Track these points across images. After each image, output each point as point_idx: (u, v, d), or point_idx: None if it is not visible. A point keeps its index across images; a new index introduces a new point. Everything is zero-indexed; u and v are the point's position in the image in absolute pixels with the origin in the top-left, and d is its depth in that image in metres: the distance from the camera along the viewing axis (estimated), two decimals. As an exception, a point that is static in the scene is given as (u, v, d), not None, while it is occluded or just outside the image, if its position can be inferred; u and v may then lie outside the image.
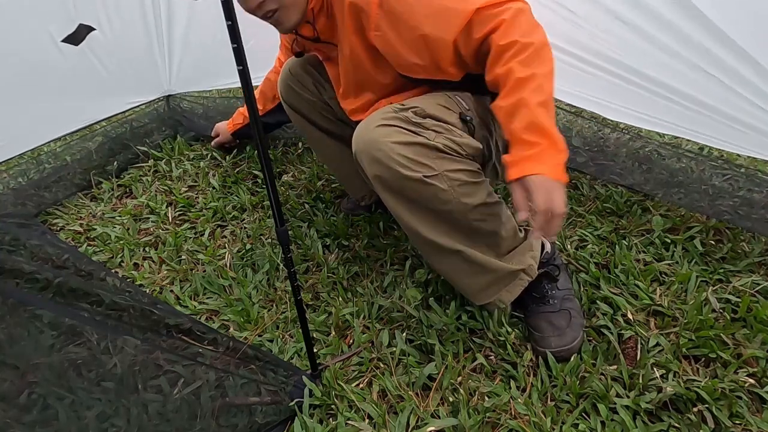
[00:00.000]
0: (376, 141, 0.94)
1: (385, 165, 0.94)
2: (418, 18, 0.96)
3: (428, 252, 1.06)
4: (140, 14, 1.85)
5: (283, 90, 1.38)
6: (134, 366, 1.01)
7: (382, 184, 0.97)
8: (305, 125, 1.42)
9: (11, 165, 1.77)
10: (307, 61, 1.35)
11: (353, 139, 1.00)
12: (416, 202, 0.98)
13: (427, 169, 0.94)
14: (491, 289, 1.08)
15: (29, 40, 1.59)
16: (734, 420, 0.90)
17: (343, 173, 1.48)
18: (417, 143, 0.94)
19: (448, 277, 1.10)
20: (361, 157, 0.98)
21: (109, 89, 1.88)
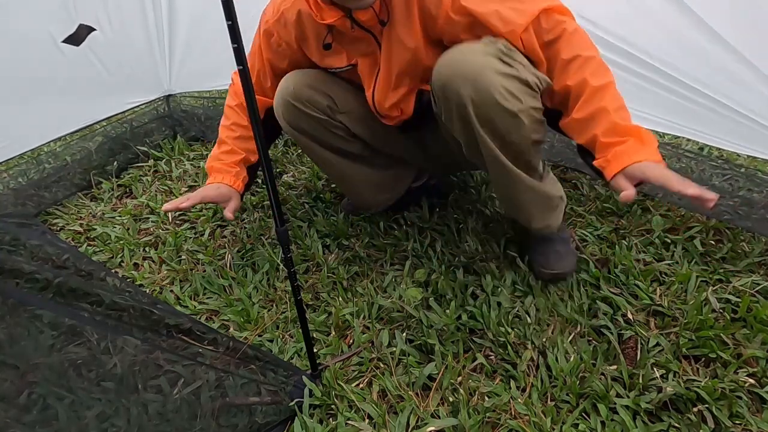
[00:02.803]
0: (481, 67, 0.97)
1: (485, 91, 0.97)
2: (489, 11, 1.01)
3: (500, 182, 1.14)
4: (140, 14, 1.85)
5: (286, 112, 1.25)
6: (134, 366, 1.01)
7: (473, 107, 1.00)
8: (311, 146, 1.32)
9: (11, 165, 1.77)
10: (311, 77, 1.26)
11: (439, 64, 1.02)
12: (496, 130, 1.02)
13: (519, 103, 0.99)
14: (548, 214, 1.19)
15: (29, 40, 1.59)
16: (734, 420, 0.90)
17: (352, 188, 1.43)
18: (514, 76, 0.99)
19: (511, 203, 1.18)
20: (454, 80, 1.00)
21: (109, 89, 1.88)
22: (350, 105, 1.28)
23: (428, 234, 1.41)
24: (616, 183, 0.94)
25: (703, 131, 1.35)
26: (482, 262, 1.30)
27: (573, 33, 1.01)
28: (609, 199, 1.50)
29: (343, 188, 1.48)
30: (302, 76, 1.25)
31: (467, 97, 0.99)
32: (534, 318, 1.12)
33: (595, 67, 1.00)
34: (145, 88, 2.04)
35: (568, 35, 1.01)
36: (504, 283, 1.23)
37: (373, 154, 1.38)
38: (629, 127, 0.96)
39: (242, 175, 1.36)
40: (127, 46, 1.86)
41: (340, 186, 1.50)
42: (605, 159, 0.97)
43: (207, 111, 2.21)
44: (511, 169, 1.09)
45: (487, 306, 1.16)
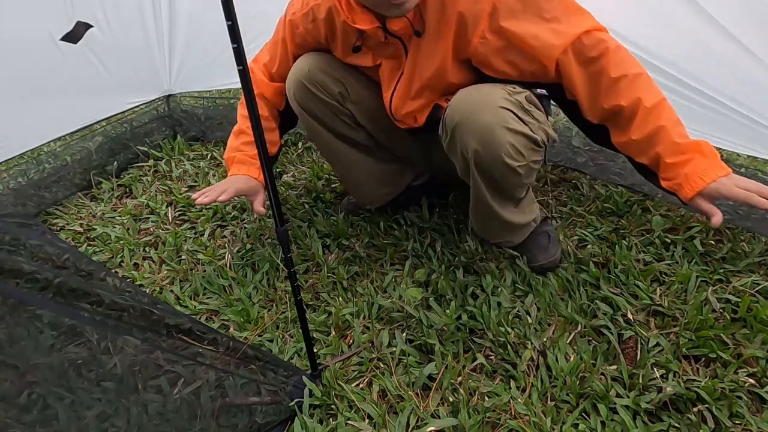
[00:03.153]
0: (491, 123, 1.00)
1: (492, 148, 1.01)
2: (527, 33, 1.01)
3: (478, 210, 1.20)
4: (140, 14, 1.85)
5: (298, 91, 1.26)
6: (134, 366, 1.01)
7: (476, 159, 1.04)
8: (318, 129, 1.33)
9: (11, 165, 1.77)
10: (326, 61, 1.26)
11: (455, 106, 1.04)
12: (492, 179, 1.09)
13: (521, 160, 1.04)
14: (506, 235, 1.27)
15: (29, 40, 1.59)
16: (734, 420, 0.90)
17: (354, 179, 1.43)
18: (524, 134, 1.02)
19: (476, 219, 1.26)
20: (464, 130, 1.02)
21: (109, 89, 1.88)
22: (361, 96, 1.29)
23: (428, 234, 1.41)
24: (695, 204, 1.00)
25: (702, 131, 1.35)
26: (482, 262, 1.30)
27: (616, 50, 1.01)
28: (609, 199, 1.50)
29: (344, 178, 1.47)
30: (318, 60, 1.25)
31: (473, 149, 1.02)
32: (534, 318, 1.12)
33: (646, 84, 1.01)
34: (145, 88, 2.04)
35: (612, 53, 1.00)
36: (504, 283, 1.23)
37: (377, 146, 1.39)
38: (690, 143, 0.98)
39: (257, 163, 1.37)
40: (127, 47, 1.86)
41: (341, 176, 1.49)
42: (676, 182, 1.00)
43: (207, 111, 2.21)
44: (490, 203, 1.15)
45: (487, 306, 1.16)
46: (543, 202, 1.52)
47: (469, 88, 1.06)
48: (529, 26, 1.01)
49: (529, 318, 1.13)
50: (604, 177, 1.61)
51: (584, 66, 1.03)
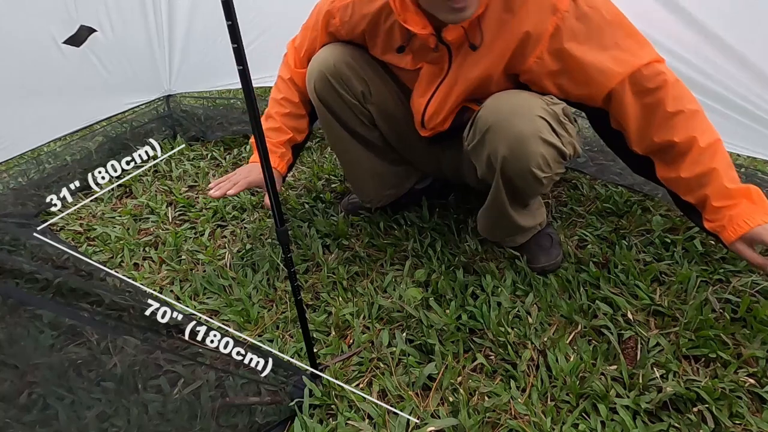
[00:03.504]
0: (526, 132, 0.99)
1: (522, 157, 1.00)
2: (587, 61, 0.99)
3: (491, 213, 1.21)
4: (141, 14, 1.85)
5: (320, 84, 1.22)
6: (134, 366, 1.01)
7: (503, 165, 1.04)
8: (332, 124, 1.30)
9: (11, 165, 1.77)
10: (353, 56, 1.22)
11: (491, 108, 1.03)
12: (515, 186, 1.09)
13: (548, 171, 1.04)
14: (512, 236, 1.28)
15: (30, 40, 1.59)
16: (734, 420, 0.90)
17: (359, 177, 1.42)
18: (555, 147, 1.02)
19: (485, 221, 1.27)
20: (496, 135, 1.01)
21: (109, 89, 1.88)
22: (383, 98, 1.27)
23: (428, 234, 1.41)
24: (736, 249, 0.98)
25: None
26: (482, 262, 1.30)
27: (675, 84, 0.99)
28: (609, 199, 1.50)
29: (350, 174, 1.44)
30: (345, 53, 1.21)
31: (502, 155, 1.02)
32: (534, 318, 1.12)
33: (702, 122, 0.98)
34: (145, 88, 2.04)
35: (670, 86, 0.98)
36: (504, 283, 1.23)
37: (388, 147, 1.38)
38: (740, 188, 0.97)
39: (287, 156, 1.34)
40: (128, 47, 1.86)
41: (346, 171, 1.46)
42: (720, 224, 0.99)
43: (207, 111, 2.21)
44: (506, 208, 1.15)
45: (487, 306, 1.16)
46: (543, 202, 1.52)
47: (506, 93, 1.05)
48: (590, 52, 0.98)
49: (529, 318, 1.13)
50: (604, 177, 1.61)
51: (639, 97, 1.00)
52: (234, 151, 1.97)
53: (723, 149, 0.99)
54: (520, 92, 1.05)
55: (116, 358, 1.03)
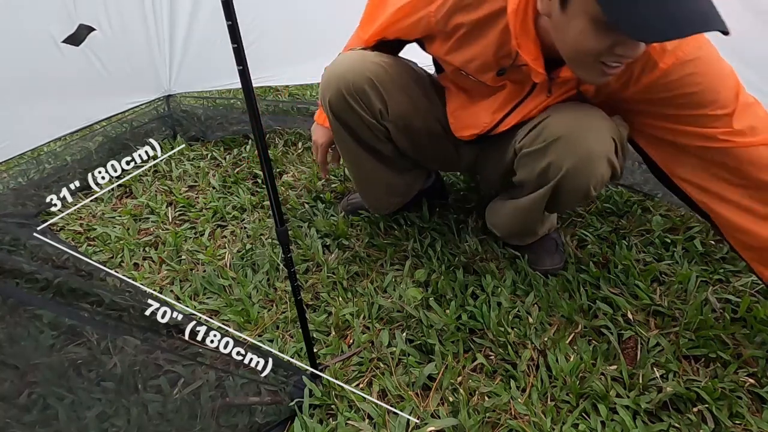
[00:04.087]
0: (597, 151, 0.98)
1: (585, 175, 0.99)
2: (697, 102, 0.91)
3: (518, 215, 1.19)
4: (140, 14, 1.85)
5: (335, 101, 1.15)
6: (134, 366, 1.01)
7: (564, 178, 1.01)
8: (345, 137, 1.24)
9: (11, 165, 1.77)
10: (374, 68, 1.14)
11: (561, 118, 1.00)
12: (560, 199, 1.07)
13: (599, 191, 1.05)
14: (523, 237, 1.29)
15: (29, 40, 1.59)
16: (734, 420, 0.90)
17: (369, 186, 1.37)
18: (614, 170, 1.02)
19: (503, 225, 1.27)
20: (566, 146, 0.99)
21: (109, 89, 1.88)
22: (402, 111, 1.19)
23: (428, 234, 1.41)
24: None
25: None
26: (482, 262, 1.30)
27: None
28: (609, 199, 1.50)
29: (359, 184, 1.40)
30: (365, 67, 1.13)
31: (566, 168, 1.00)
32: (534, 318, 1.12)
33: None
34: (145, 88, 2.04)
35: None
36: (504, 283, 1.23)
37: (398, 157, 1.33)
38: None
39: None
40: (128, 47, 1.85)
41: (356, 182, 1.40)
42: None
43: (207, 111, 2.20)
44: (537, 214, 1.14)
45: (487, 306, 1.16)
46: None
47: (578, 106, 1.02)
48: (702, 94, 0.91)
49: (529, 318, 1.13)
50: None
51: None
52: (234, 151, 1.97)
53: None
54: (591, 108, 1.01)
55: (116, 358, 1.03)
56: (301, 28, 1.89)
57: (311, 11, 1.86)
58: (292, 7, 1.86)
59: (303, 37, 1.90)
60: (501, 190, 1.30)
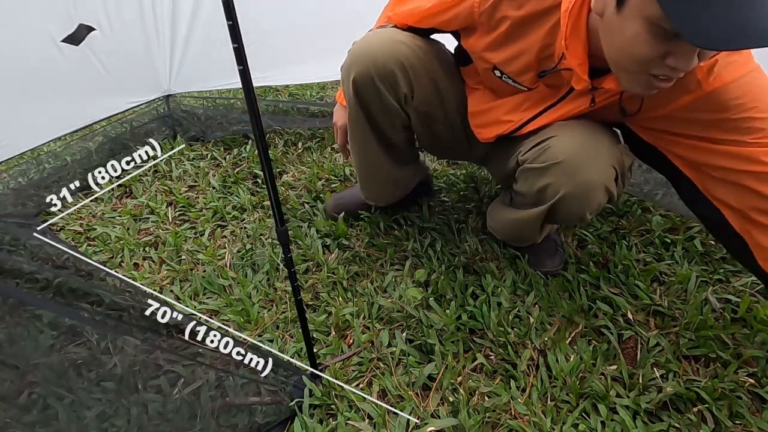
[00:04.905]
0: (595, 182, 0.98)
1: (583, 203, 1.00)
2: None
3: (517, 224, 1.17)
4: (140, 14, 1.85)
5: (362, 82, 1.09)
6: (134, 366, 1.01)
7: (559, 202, 1.01)
8: (361, 121, 1.19)
9: (11, 165, 1.77)
10: (405, 50, 1.09)
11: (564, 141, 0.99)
12: (555, 219, 1.09)
13: (595, 214, 1.06)
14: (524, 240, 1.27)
15: (29, 39, 1.59)
16: (734, 420, 0.90)
17: (374, 179, 1.35)
18: (611, 196, 1.02)
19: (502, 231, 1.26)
20: (564, 172, 0.98)
21: (109, 89, 1.88)
22: (427, 98, 1.16)
23: (428, 234, 1.41)
24: None
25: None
26: (482, 262, 1.30)
27: None
28: (609, 199, 1.50)
29: (365, 176, 1.35)
30: (394, 45, 1.08)
31: (563, 194, 1.00)
32: (534, 318, 1.12)
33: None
34: (145, 88, 2.04)
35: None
36: (504, 283, 1.23)
37: (406, 148, 1.31)
38: None
39: None
40: (127, 46, 1.85)
41: (362, 172, 1.35)
42: None
43: (207, 111, 2.20)
44: (535, 224, 1.13)
45: (487, 306, 1.16)
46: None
47: (586, 128, 1.00)
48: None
49: (529, 318, 1.13)
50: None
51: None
52: (234, 151, 1.97)
53: None
54: (598, 132, 1.00)
55: (116, 358, 1.03)
56: (301, 29, 1.89)
57: (311, 11, 1.86)
58: (292, 8, 1.86)
59: (303, 37, 1.90)
60: (504, 186, 1.30)
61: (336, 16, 1.80)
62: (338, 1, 1.80)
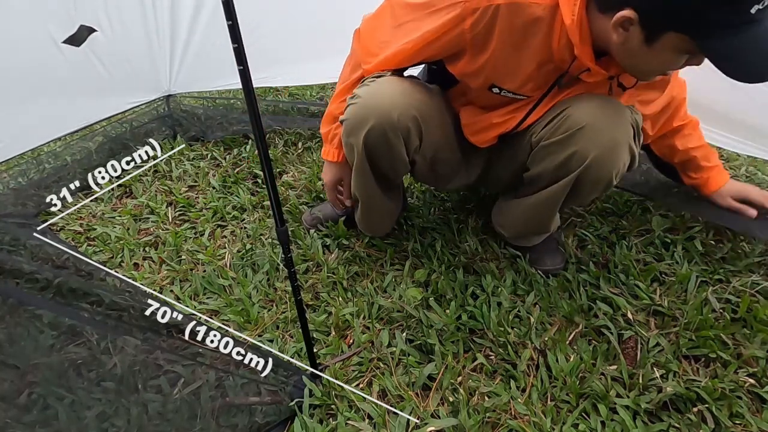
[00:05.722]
0: (620, 139, 1.00)
1: (611, 162, 1.01)
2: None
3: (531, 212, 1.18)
4: (140, 14, 1.85)
5: (375, 137, 1.05)
6: (134, 366, 1.01)
7: (588, 167, 1.01)
8: (366, 172, 1.15)
9: (11, 165, 1.77)
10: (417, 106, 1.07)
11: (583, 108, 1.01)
12: (581, 190, 1.07)
13: (618, 179, 1.05)
14: (530, 238, 1.30)
15: (29, 40, 1.59)
16: (734, 420, 0.90)
17: (373, 216, 1.31)
18: (633, 156, 1.04)
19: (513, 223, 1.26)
20: (590, 136, 0.99)
21: (109, 89, 1.88)
22: (434, 146, 1.15)
23: (428, 234, 1.41)
24: (716, 198, 1.29)
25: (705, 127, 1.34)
26: (482, 262, 1.30)
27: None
28: (609, 199, 1.50)
29: (366, 215, 1.32)
30: (407, 101, 1.05)
31: (592, 156, 1.00)
32: (534, 318, 1.12)
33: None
34: (145, 88, 2.04)
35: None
36: (504, 283, 1.23)
37: (399, 185, 1.32)
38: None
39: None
40: (128, 47, 1.85)
41: (363, 212, 1.31)
42: (703, 178, 1.28)
43: (207, 111, 2.20)
44: (555, 208, 1.13)
45: (487, 306, 1.16)
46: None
47: (597, 96, 1.02)
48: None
49: (530, 318, 1.13)
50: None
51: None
52: (234, 151, 1.97)
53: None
54: (610, 98, 1.04)
55: (116, 358, 1.03)
56: (301, 29, 1.88)
57: (312, 11, 1.86)
58: (292, 8, 1.86)
59: (303, 37, 1.90)
60: (507, 190, 1.29)
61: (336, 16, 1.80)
62: (338, 2, 1.79)
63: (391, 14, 1.08)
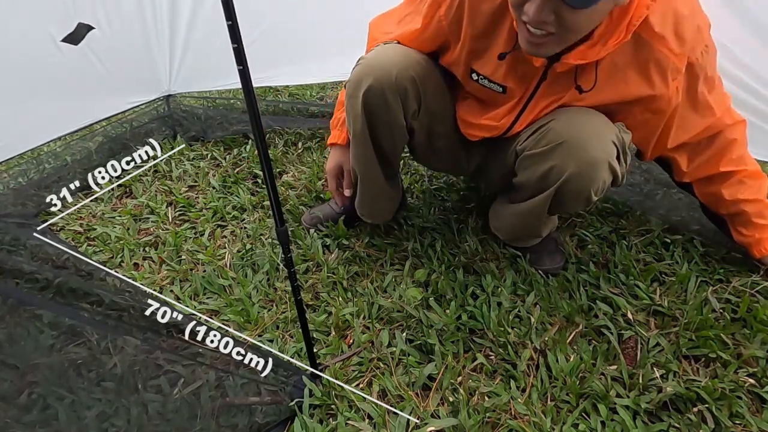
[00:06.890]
0: (598, 157, 0.99)
1: (587, 180, 1.01)
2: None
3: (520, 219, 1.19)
4: (140, 14, 1.85)
5: (373, 95, 1.06)
6: (134, 366, 1.01)
7: (566, 183, 1.02)
8: (366, 140, 1.15)
9: (11, 165, 1.77)
10: (415, 68, 1.09)
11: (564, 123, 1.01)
12: (561, 203, 1.08)
13: (600, 196, 1.06)
14: (526, 240, 1.29)
15: (29, 39, 1.59)
16: (734, 420, 0.90)
17: (375, 199, 1.32)
18: (615, 175, 1.03)
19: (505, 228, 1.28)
20: (568, 151, 1.00)
21: (109, 89, 1.88)
22: (431, 113, 1.17)
23: (428, 234, 1.41)
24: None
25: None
26: (482, 262, 1.30)
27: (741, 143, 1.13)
28: (609, 199, 1.50)
29: (366, 199, 1.32)
30: (407, 61, 1.07)
31: (569, 173, 1.01)
32: (534, 318, 1.12)
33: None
34: (145, 88, 2.04)
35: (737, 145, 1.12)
36: (504, 283, 1.23)
37: (395, 165, 1.31)
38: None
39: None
40: (127, 46, 1.85)
41: (363, 193, 1.31)
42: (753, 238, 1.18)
43: (207, 111, 2.20)
44: (539, 217, 1.14)
45: (487, 306, 1.16)
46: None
47: (582, 111, 1.03)
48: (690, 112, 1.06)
49: (530, 318, 1.13)
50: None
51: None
52: (234, 151, 1.97)
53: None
54: (595, 113, 1.03)
55: (116, 358, 1.03)
56: (301, 29, 1.88)
57: (311, 11, 1.86)
58: (292, 8, 1.86)
59: (303, 37, 1.90)
60: (502, 192, 1.30)
61: (336, 16, 1.80)
62: (339, 2, 1.80)
63: (398, 8, 1.18)
